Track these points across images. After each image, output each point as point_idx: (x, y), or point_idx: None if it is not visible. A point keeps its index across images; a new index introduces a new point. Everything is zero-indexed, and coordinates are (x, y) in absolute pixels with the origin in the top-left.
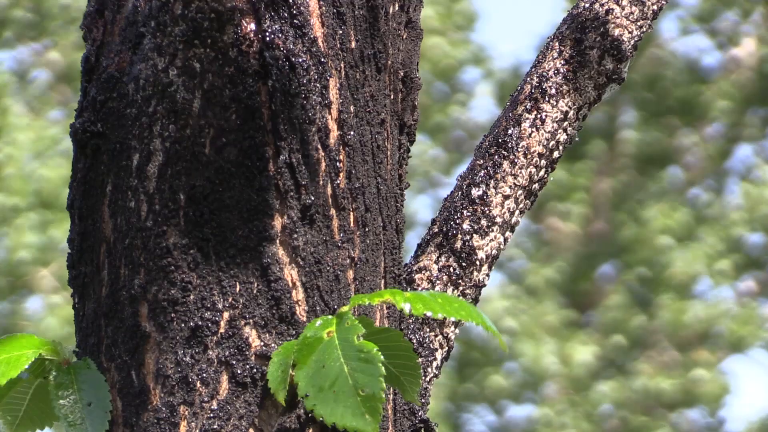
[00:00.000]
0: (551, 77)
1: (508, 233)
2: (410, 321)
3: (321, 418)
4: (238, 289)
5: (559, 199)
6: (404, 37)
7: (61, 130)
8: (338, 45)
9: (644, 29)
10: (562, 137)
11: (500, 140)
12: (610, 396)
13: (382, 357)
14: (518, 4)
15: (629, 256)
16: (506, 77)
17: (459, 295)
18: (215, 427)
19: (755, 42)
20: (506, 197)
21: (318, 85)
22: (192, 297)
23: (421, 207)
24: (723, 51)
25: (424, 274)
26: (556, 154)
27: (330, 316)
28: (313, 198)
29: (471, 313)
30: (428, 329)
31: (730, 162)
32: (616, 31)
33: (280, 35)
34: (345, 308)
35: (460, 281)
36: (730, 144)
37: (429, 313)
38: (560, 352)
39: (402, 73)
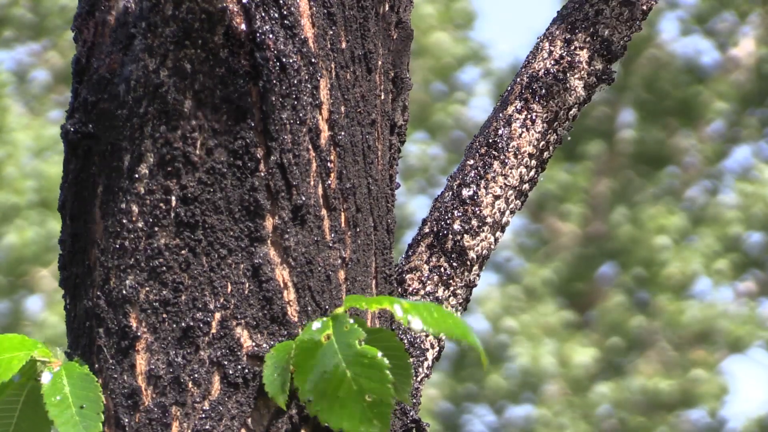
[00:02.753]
0: (541, 77)
1: (498, 233)
2: None
3: (326, 423)
4: (229, 289)
5: (558, 199)
6: (394, 37)
7: (59, 130)
8: (329, 45)
9: (634, 29)
10: (553, 137)
11: (491, 140)
12: (608, 396)
13: (387, 362)
14: (517, 2)
15: (628, 256)
16: (505, 76)
17: (450, 295)
18: (207, 427)
19: (753, 42)
20: (497, 197)
21: (309, 85)
22: (183, 298)
23: (419, 207)
24: (721, 51)
25: (415, 274)
26: (546, 155)
27: (325, 318)
28: (304, 198)
29: (464, 330)
30: None
31: (728, 162)
32: (606, 32)
33: (270, 36)
34: (340, 310)
35: (451, 281)
36: (729, 144)
37: (426, 330)
38: (559, 352)
39: (392, 74)
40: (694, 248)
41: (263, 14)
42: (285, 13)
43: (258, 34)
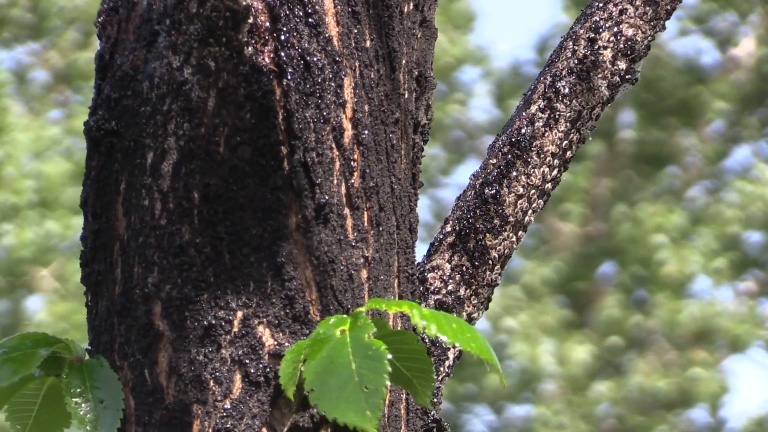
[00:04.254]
0: (565, 77)
1: (520, 232)
2: None
3: (323, 413)
4: (251, 288)
5: (558, 199)
6: (419, 36)
7: (60, 130)
8: (353, 44)
9: (657, 29)
10: (575, 137)
11: (513, 139)
12: (607, 395)
13: (389, 354)
14: (517, 3)
15: (628, 255)
16: (505, 76)
17: (471, 294)
18: (228, 426)
19: (754, 42)
20: (519, 197)
21: (333, 84)
22: (205, 295)
23: (419, 208)
24: (721, 51)
25: (436, 273)
26: (569, 154)
27: (344, 315)
28: (327, 197)
29: (481, 346)
30: None
31: (728, 162)
32: (630, 31)
33: (295, 34)
34: (361, 309)
35: (473, 280)
36: (729, 144)
37: (442, 337)
38: (558, 351)
39: (416, 72)
40: (694, 247)
41: (288, 12)
42: (309, 11)
43: (282, 32)
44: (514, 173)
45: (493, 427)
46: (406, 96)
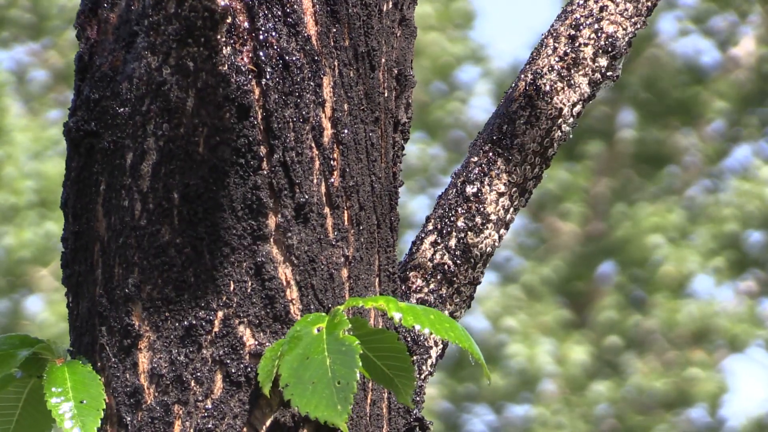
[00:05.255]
0: (545, 74)
1: (502, 230)
2: None
3: (296, 407)
4: (232, 288)
5: (557, 198)
6: (398, 34)
7: (59, 130)
8: (332, 43)
9: (638, 26)
10: (557, 134)
11: (495, 137)
12: (606, 395)
13: (361, 349)
14: (517, 2)
15: (627, 255)
16: (505, 76)
17: (454, 293)
18: (210, 426)
19: (753, 42)
20: (501, 194)
21: (312, 83)
22: (186, 296)
23: (419, 207)
24: (721, 51)
25: (418, 271)
26: (550, 152)
27: (323, 314)
28: (307, 196)
29: (460, 335)
30: None
31: (728, 161)
32: (611, 28)
33: (273, 33)
34: (339, 307)
35: (455, 279)
36: (729, 144)
37: (417, 327)
38: (557, 351)
39: (396, 71)
40: (693, 247)
41: (266, 12)
42: (288, 10)
43: (261, 32)
44: (496, 171)
45: (492, 426)
46: (386, 95)
